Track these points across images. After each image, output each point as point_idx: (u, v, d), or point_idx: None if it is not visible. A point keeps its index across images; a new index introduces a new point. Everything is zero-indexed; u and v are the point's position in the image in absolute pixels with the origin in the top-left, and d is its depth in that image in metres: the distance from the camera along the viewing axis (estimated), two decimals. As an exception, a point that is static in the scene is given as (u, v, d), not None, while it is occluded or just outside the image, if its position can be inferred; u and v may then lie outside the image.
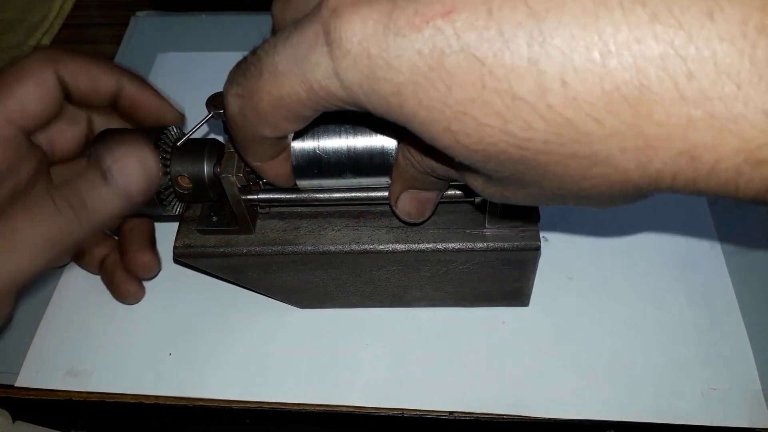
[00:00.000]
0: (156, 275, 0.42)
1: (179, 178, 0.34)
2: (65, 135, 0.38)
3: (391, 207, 0.32)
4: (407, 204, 0.31)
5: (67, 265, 0.44)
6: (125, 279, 0.41)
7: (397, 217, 0.33)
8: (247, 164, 0.30)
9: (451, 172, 0.26)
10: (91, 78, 0.36)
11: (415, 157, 0.27)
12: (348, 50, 0.19)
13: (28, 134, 0.35)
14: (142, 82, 0.38)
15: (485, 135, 0.19)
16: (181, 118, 0.39)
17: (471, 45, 0.18)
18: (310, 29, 0.20)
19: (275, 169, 0.30)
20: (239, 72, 0.24)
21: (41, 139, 0.36)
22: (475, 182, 0.24)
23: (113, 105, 0.38)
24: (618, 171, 0.18)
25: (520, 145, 0.19)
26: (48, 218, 0.29)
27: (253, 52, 0.23)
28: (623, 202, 0.21)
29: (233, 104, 0.24)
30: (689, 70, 0.16)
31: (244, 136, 0.26)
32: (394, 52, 0.19)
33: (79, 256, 0.42)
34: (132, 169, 0.30)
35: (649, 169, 0.18)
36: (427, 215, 0.32)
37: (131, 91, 0.37)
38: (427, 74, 0.19)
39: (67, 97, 0.36)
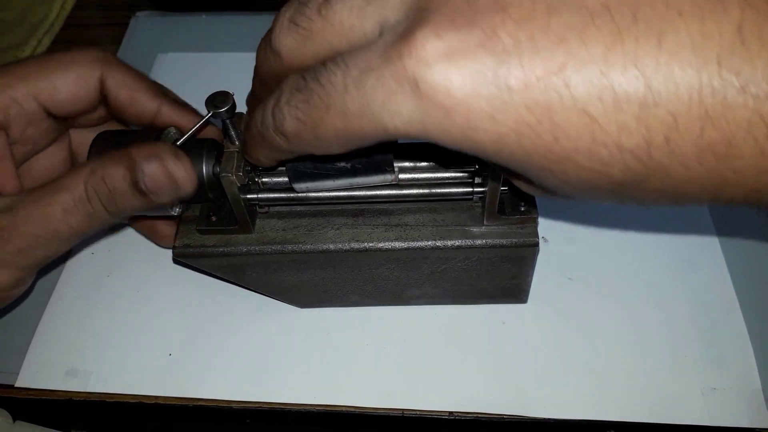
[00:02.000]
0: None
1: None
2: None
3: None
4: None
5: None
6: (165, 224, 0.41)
7: None
8: (246, 152, 0.28)
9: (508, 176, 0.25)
10: (132, 94, 0.36)
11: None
12: (442, 104, 0.19)
13: (53, 115, 0.36)
14: (181, 104, 0.38)
15: (585, 177, 0.20)
16: (218, 133, 0.37)
17: (582, 100, 0.18)
18: (388, 76, 0.19)
19: (272, 161, 0.28)
20: (298, 95, 0.22)
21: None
22: (537, 191, 0.25)
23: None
24: (692, 200, 0.21)
25: (615, 182, 0.20)
26: (81, 209, 0.31)
27: (314, 77, 0.22)
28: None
29: (290, 123, 0.23)
30: None
31: (289, 149, 0.25)
32: (499, 106, 0.19)
33: None
34: (163, 183, 0.31)
35: (719, 200, 0.21)
36: None
37: (168, 114, 0.37)
38: (533, 126, 0.19)
39: (105, 104, 0.37)
